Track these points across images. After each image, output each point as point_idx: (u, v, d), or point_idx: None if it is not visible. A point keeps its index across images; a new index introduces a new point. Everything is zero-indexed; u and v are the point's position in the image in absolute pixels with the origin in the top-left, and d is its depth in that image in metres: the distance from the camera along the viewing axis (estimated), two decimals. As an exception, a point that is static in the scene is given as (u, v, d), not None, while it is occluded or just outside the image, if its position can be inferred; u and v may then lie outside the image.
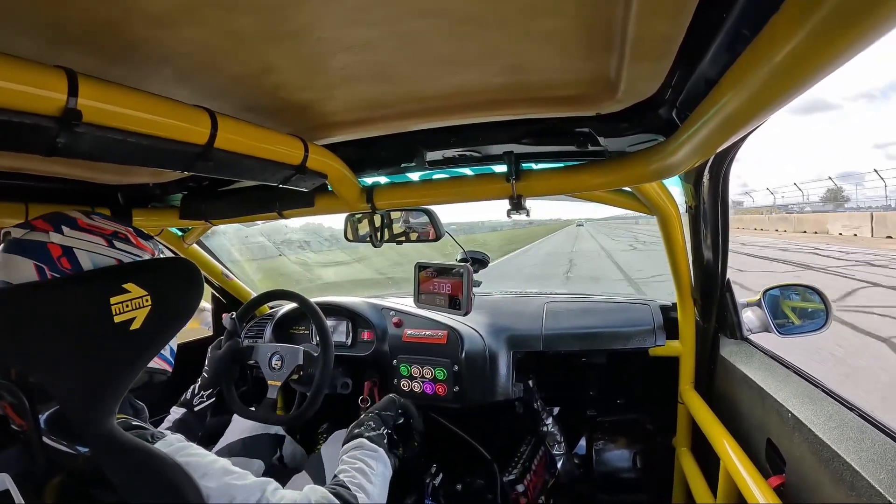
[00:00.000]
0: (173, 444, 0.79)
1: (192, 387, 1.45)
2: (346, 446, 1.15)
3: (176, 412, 1.38)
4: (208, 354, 1.53)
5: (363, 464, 1.06)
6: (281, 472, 1.58)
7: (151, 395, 0.97)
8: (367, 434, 1.16)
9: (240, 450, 1.52)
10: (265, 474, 1.50)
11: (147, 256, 0.83)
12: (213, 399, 1.44)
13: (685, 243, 1.41)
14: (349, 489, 0.97)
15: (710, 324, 1.50)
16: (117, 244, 0.80)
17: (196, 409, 1.40)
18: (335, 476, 1.03)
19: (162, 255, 0.89)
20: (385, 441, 1.18)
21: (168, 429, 1.33)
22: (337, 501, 0.91)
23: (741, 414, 1.28)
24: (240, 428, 1.59)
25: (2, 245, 0.75)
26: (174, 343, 0.98)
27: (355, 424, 1.23)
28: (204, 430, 1.43)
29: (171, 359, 0.97)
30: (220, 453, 1.49)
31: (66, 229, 0.76)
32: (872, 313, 6.64)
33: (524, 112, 0.91)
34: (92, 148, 0.60)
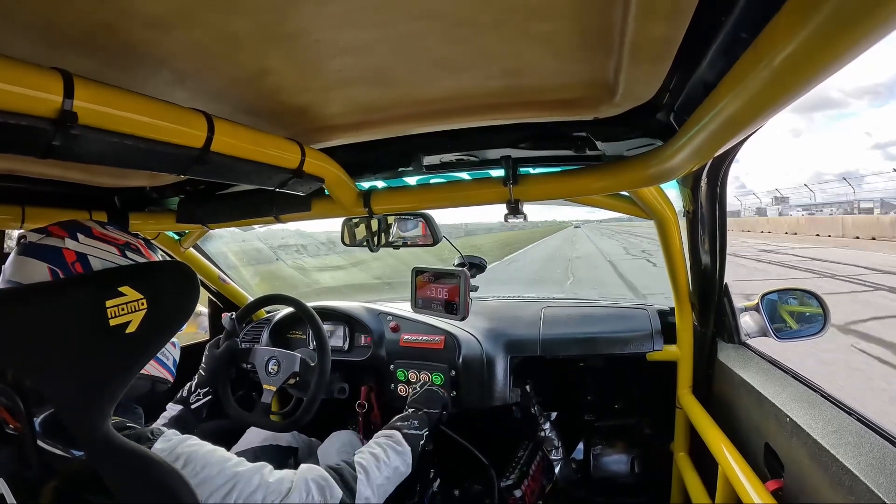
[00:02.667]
0: (172, 439, 0.80)
1: (188, 384, 1.44)
2: (380, 431, 1.19)
3: (172, 409, 1.38)
4: (206, 353, 1.53)
5: (382, 451, 1.09)
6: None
7: (149, 400, 0.96)
8: (405, 430, 1.20)
9: (251, 460, 1.51)
10: None
11: None
12: (210, 397, 1.44)
13: (683, 248, 1.41)
14: (353, 469, 1.01)
15: (707, 328, 1.50)
16: (129, 254, 0.82)
17: (193, 406, 1.40)
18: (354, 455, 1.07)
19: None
20: (422, 443, 1.22)
21: (164, 425, 1.33)
22: (331, 478, 0.94)
23: (739, 418, 1.27)
24: (254, 438, 1.59)
25: (16, 248, 0.77)
26: (176, 353, 0.98)
27: (400, 417, 1.28)
28: (199, 429, 1.42)
29: (172, 368, 0.97)
30: None
31: (80, 236, 0.78)
32: None
33: (521, 116, 0.91)
34: (88, 150, 0.60)
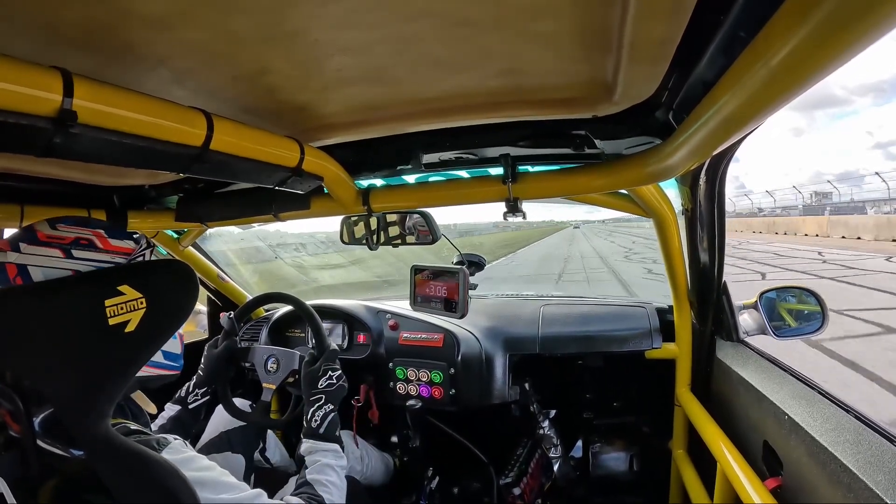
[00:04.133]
0: (180, 454, 0.79)
1: (186, 384, 1.44)
2: (303, 447, 1.23)
3: (170, 409, 1.38)
4: (204, 353, 1.53)
5: (322, 460, 1.17)
6: (269, 474, 1.57)
7: (148, 395, 0.96)
8: (320, 432, 1.26)
9: (224, 444, 1.51)
10: (248, 471, 1.52)
11: (119, 259, 0.79)
12: (208, 397, 1.44)
13: (681, 246, 1.42)
14: (314, 488, 1.08)
15: (706, 326, 1.50)
16: (76, 253, 0.76)
17: (191, 406, 1.40)
18: (303, 476, 1.13)
19: (152, 249, 0.86)
20: (338, 430, 1.27)
21: (162, 426, 1.33)
22: None
23: (738, 416, 1.28)
24: (222, 420, 1.58)
25: None
26: (178, 346, 0.97)
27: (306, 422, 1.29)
28: (199, 429, 1.42)
29: (172, 363, 0.96)
30: (204, 447, 1.49)
31: (23, 246, 0.73)
32: None
33: (520, 114, 0.91)
34: (87, 149, 0.60)
